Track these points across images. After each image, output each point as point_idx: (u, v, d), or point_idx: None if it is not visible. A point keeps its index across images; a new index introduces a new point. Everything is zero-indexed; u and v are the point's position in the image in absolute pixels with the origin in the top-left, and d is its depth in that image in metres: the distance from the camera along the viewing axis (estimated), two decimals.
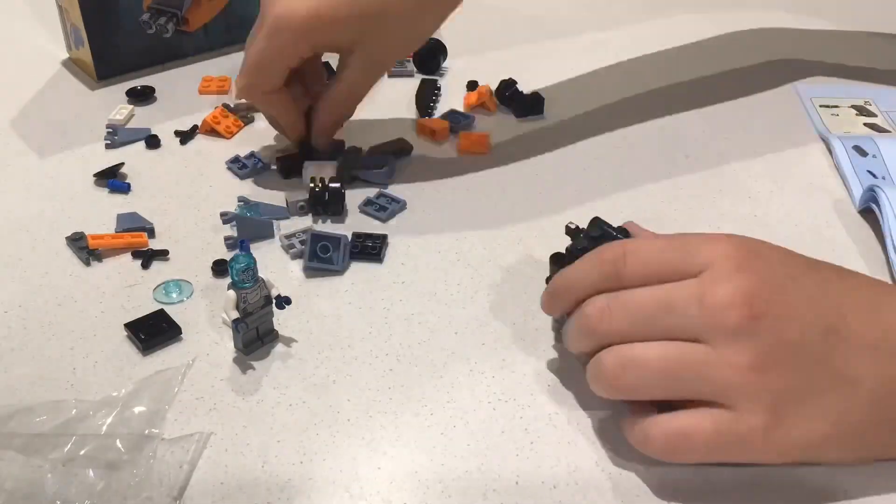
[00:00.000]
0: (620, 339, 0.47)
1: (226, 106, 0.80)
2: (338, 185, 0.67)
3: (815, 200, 0.70)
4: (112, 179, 0.72)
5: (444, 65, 0.89)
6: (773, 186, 0.72)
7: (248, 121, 0.80)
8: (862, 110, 0.80)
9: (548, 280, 0.55)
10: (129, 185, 0.72)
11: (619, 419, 0.50)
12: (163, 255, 0.64)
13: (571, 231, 0.56)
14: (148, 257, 0.63)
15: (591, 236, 0.54)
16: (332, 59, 0.76)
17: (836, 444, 0.46)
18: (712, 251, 0.46)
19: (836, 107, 0.81)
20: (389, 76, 0.88)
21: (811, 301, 0.46)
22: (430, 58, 0.88)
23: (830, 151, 0.75)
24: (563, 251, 0.57)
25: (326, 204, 0.67)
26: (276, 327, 0.57)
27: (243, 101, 0.81)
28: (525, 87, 0.83)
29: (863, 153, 0.72)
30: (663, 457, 0.47)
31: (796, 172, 0.73)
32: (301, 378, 0.54)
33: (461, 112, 0.81)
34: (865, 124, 0.78)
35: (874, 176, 0.70)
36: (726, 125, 0.80)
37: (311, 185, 0.67)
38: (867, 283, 0.49)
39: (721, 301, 0.44)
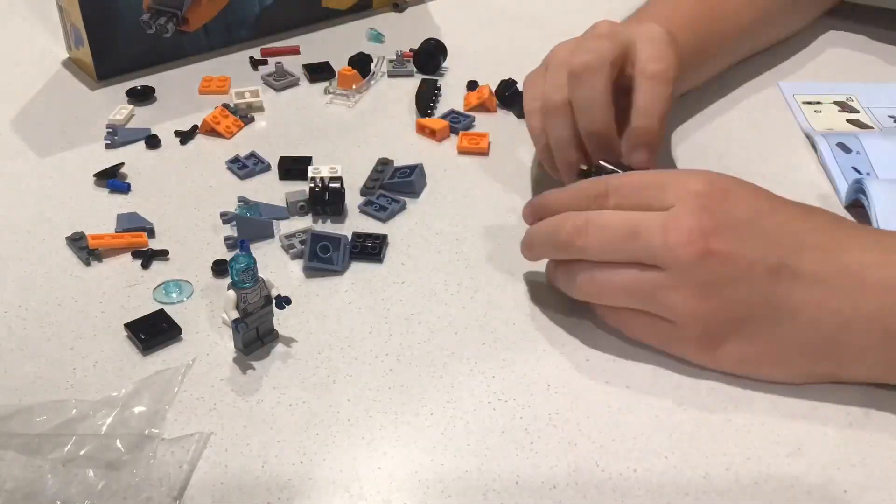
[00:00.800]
0: (591, 255, 0.54)
1: (225, 106, 0.80)
2: (338, 185, 0.67)
3: (802, 196, 0.70)
4: (112, 179, 0.72)
5: (444, 65, 0.89)
6: (760, 183, 0.72)
7: (249, 121, 0.80)
8: (844, 106, 0.80)
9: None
10: (129, 185, 0.72)
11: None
12: (163, 255, 0.64)
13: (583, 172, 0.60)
14: (148, 257, 0.63)
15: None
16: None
17: (768, 364, 0.53)
18: (684, 188, 0.52)
19: (818, 103, 0.81)
20: (389, 76, 0.88)
21: (767, 240, 0.51)
22: (430, 58, 0.88)
23: (815, 148, 0.75)
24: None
25: (326, 204, 0.67)
26: (276, 327, 0.57)
27: (244, 100, 0.82)
28: None
29: (847, 150, 0.72)
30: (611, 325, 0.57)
31: (782, 169, 0.73)
32: (301, 378, 0.54)
33: (461, 112, 0.81)
34: (848, 121, 0.78)
35: (858, 172, 0.70)
36: (715, 123, 0.80)
37: (311, 185, 0.67)
38: (831, 224, 0.53)
39: (680, 237, 0.50)
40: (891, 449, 0.50)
